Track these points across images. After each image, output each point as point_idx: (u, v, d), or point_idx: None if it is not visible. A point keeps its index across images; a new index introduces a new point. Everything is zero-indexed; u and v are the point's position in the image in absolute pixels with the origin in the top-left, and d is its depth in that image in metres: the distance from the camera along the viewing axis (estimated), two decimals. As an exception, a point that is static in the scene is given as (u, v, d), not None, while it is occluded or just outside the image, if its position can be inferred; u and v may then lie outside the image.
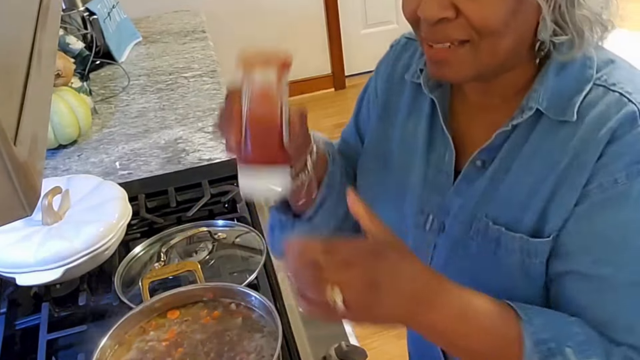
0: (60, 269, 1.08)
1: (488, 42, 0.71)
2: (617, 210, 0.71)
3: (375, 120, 0.95)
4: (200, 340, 0.93)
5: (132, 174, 1.52)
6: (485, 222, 0.78)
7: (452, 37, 0.71)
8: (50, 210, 1.14)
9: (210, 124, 1.69)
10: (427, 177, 0.86)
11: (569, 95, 0.74)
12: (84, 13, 2.04)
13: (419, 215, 0.86)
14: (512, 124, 0.76)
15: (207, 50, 2.16)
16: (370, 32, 3.82)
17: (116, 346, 0.93)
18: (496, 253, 0.77)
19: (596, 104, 0.73)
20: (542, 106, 0.74)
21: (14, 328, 1.11)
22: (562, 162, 0.73)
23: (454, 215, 0.82)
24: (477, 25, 0.70)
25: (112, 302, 1.13)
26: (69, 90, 1.67)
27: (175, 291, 0.99)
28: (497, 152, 0.78)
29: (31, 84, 0.55)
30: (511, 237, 0.76)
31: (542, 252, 0.75)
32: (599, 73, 0.75)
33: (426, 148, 0.86)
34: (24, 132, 0.47)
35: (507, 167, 0.78)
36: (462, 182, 0.82)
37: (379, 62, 0.98)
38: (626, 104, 0.71)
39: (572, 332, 0.71)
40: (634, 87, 0.73)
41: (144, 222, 1.32)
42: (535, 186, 0.75)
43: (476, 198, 0.80)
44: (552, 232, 0.74)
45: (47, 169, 1.56)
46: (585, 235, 0.73)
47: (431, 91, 0.85)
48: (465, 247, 0.80)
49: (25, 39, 0.61)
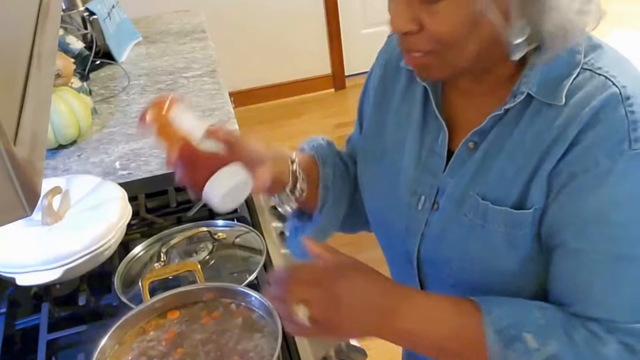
0: (60, 269, 1.08)
1: (451, 51, 0.76)
2: (598, 189, 0.74)
3: (372, 107, 0.99)
4: (200, 341, 0.93)
5: (132, 174, 1.52)
6: (476, 199, 0.82)
7: (418, 48, 0.77)
8: (50, 210, 1.14)
9: (210, 124, 1.69)
10: (421, 159, 0.90)
11: (558, 80, 0.77)
12: (84, 13, 2.04)
13: (411, 196, 0.90)
14: (505, 108, 0.79)
15: (207, 50, 2.16)
16: (370, 32, 3.82)
17: (116, 346, 0.93)
18: (484, 226, 0.81)
19: (582, 87, 0.76)
20: (532, 90, 0.78)
21: (14, 328, 1.11)
22: (547, 139, 0.77)
23: (448, 195, 0.85)
24: (437, 39, 0.75)
25: (112, 302, 1.13)
26: (69, 90, 1.67)
27: (175, 291, 0.99)
28: (488, 134, 0.82)
29: (31, 84, 0.55)
30: (497, 210, 0.80)
31: (526, 223, 0.78)
32: (587, 58, 0.78)
33: (420, 131, 0.90)
34: (24, 132, 0.47)
35: (498, 148, 0.81)
36: (454, 163, 0.85)
37: (378, 53, 1.03)
38: (610, 87, 0.75)
39: (531, 317, 0.76)
40: (619, 70, 0.77)
41: (144, 222, 1.32)
42: (522, 164, 0.79)
43: (468, 178, 0.83)
44: (534, 204, 0.78)
45: (47, 169, 1.56)
46: (568, 211, 0.76)
47: (423, 79, 0.89)
48: (457, 223, 0.84)
49: (25, 39, 0.61)
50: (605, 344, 0.75)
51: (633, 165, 0.73)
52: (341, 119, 3.65)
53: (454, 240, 0.85)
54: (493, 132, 0.82)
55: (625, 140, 0.73)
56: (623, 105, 0.74)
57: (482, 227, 0.81)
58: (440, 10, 0.73)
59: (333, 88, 3.98)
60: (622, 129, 0.73)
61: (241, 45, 3.68)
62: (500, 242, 0.80)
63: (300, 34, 3.81)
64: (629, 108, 0.74)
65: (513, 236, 0.80)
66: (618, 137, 0.73)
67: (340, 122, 3.61)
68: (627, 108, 0.74)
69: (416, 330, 0.77)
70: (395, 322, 0.77)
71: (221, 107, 1.78)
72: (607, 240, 0.75)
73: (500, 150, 0.81)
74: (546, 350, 0.74)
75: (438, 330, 0.77)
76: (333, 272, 0.78)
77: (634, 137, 0.73)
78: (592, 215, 0.75)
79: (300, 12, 3.75)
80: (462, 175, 0.84)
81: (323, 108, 3.79)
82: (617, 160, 0.73)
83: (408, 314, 0.77)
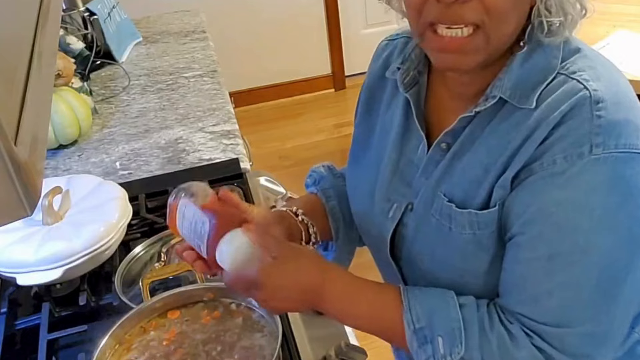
0: (60, 269, 1.08)
1: (496, 26, 0.74)
2: (547, 188, 0.74)
3: (360, 115, 1.01)
4: (200, 340, 0.93)
5: (132, 174, 1.52)
6: (442, 199, 0.83)
7: (466, 19, 0.73)
8: (51, 210, 1.14)
9: (210, 124, 1.69)
10: (399, 166, 0.91)
11: (532, 85, 0.77)
12: (84, 13, 2.04)
13: (384, 203, 0.91)
14: (475, 110, 0.80)
15: (207, 50, 2.16)
16: (370, 32, 3.82)
17: (116, 346, 0.93)
18: (451, 228, 0.82)
19: (555, 91, 0.76)
20: (505, 94, 0.77)
21: (14, 328, 1.11)
22: (515, 141, 0.76)
23: (421, 195, 0.86)
24: (489, 6, 0.72)
25: (112, 302, 1.13)
26: (69, 90, 1.68)
27: (176, 291, 0.99)
28: (460, 135, 0.82)
29: (31, 84, 0.55)
30: (460, 213, 0.81)
31: (491, 222, 0.79)
32: (564, 62, 0.78)
33: (400, 140, 0.91)
34: (24, 132, 0.47)
35: (466, 148, 0.82)
36: (428, 164, 0.86)
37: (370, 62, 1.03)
38: (580, 90, 0.74)
39: (448, 319, 0.78)
40: (593, 74, 0.76)
41: (144, 222, 1.32)
42: (489, 164, 0.79)
43: (437, 177, 0.84)
44: (497, 200, 0.78)
45: (47, 169, 1.56)
46: (519, 204, 0.76)
47: (406, 89, 0.89)
48: (427, 224, 0.85)
49: (25, 39, 0.61)
50: (518, 348, 0.75)
51: (588, 171, 0.72)
52: (341, 119, 3.65)
53: (425, 241, 0.86)
54: (464, 134, 0.82)
55: (586, 143, 0.72)
56: (591, 109, 0.73)
57: (449, 230, 0.82)
58: None
59: (333, 88, 3.97)
60: (585, 132, 0.72)
61: (241, 45, 3.67)
62: (469, 245, 0.81)
63: (300, 34, 3.81)
64: (597, 112, 0.73)
65: (480, 237, 0.80)
66: (579, 139, 0.72)
67: (340, 122, 3.61)
68: (595, 112, 0.73)
69: (338, 309, 0.84)
70: (320, 302, 0.84)
71: (221, 107, 1.78)
72: (546, 239, 0.75)
73: (468, 151, 0.81)
74: (453, 357, 0.77)
75: (357, 311, 0.84)
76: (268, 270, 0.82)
77: (596, 141, 0.72)
78: (537, 211, 0.75)
79: (300, 12, 3.75)
80: (434, 175, 0.85)
81: (323, 108, 3.78)
82: (573, 163, 0.72)
83: (330, 294, 0.83)
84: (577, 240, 0.74)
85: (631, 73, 1.70)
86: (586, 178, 0.73)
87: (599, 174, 0.73)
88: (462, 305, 0.79)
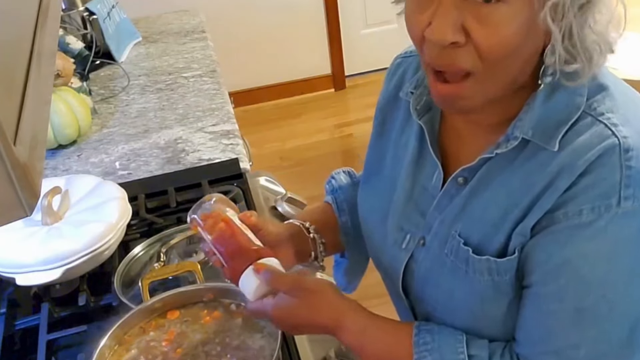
0: (60, 269, 1.08)
1: (492, 71, 0.69)
2: (573, 239, 0.71)
3: (374, 137, 0.97)
4: (200, 341, 0.93)
5: (132, 174, 1.52)
6: (458, 241, 0.79)
7: (457, 65, 0.69)
8: (50, 210, 1.14)
9: (210, 124, 1.69)
10: (413, 195, 0.87)
11: (556, 124, 0.72)
12: (84, 13, 2.04)
13: (397, 232, 0.88)
14: (497, 151, 0.75)
15: (207, 50, 2.15)
16: (370, 32, 3.82)
17: (116, 346, 0.93)
18: (467, 272, 0.78)
19: (581, 134, 0.71)
20: (527, 135, 0.73)
21: (13, 328, 1.11)
22: (537, 185, 0.72)
23: (434, 232, 0.83)
24: (485, 53, 0.67)
25: (112, 302, 1.13)
26: (68, 90, 1.67)
27: (175, 291, 0.99)
28: (478, 171, 0.78)
29: (31, 84, 0.55)
30: (478, 260, 0.77)
31: (511, 269, 0.75)
32: (590, 100, 0.72)
33: (414, 167, 0.87)
34: (23, 132, 0.47)
35: (485, 186, 0.77)
36: (443, 197, 0.82)
37: (385, 75, 1.00)
38: (609, 137, 0.69)
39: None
40: (622, 118, 0.71)
41: (143, 222, 1.31)
42: (509, 208, 0.74)
43: (453, 215, 0.80)
44: (516, 247, 0.74)
45: (47, 169, 1.56)
46: (541, 252, 0.73)
47: (419, 116, 0.84)
48: (441, 264, 0.82)
49: (25, 39, 0.61)
50: None
51: (615, 224, 0.69)
52: (341, 119, 3.65)
53: (439, 281, 0.83)
54: (483, 170, 0.77)
55: (614, 195, 0.68)
56: (620, 158, 0.69)
57: (465, 273, 0.78)
58: (494, 15, 0.65)
59: (333, 88, 3.97)
60: (613, 183, 0.68)
61: (241, 45, 3.67)
62: (487, 289, 0.77)
63: (300, 34, 3.81)
64: (627, 162, 0.68)
65: (499, 283, 0.76)
66: (607, 190, 0.68)
67: (340, 122, 3.61)
68: (625, 162, 0.68)
69: (353, 346, 0.84)
70: (340, 336, 0.84)
71: (221, 107, 1.78)
72: (572, 292, 0.72)
73: (486, 190, 0.77)
74: None
75: (370, 351, 0.83)
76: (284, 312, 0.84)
77: (625, 194, 0.68)
78: (562, 263, 0.71)
79: (300, 12, 3.75)
80: (449, 211, 0.81)
81: (323, 108, 3.78)
82: (600, 215, 0.69)
83: (346, 334, 0.83)
84: (605, 294, 0.71)
85: (632, 74, 1.70)
86: (614, 230, 0.69)
87: (628, 227, 0.69)
88: (472, 357, 0.77)
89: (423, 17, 0.69)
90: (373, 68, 3.95)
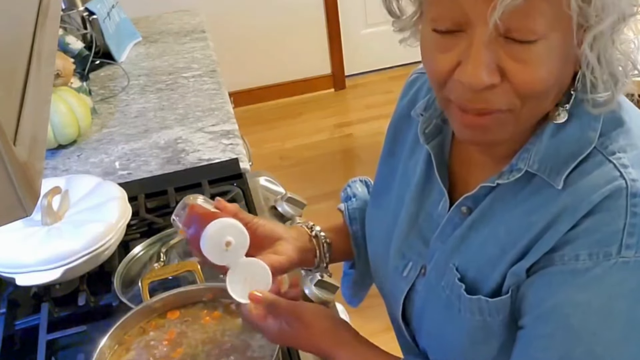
0: (60, 269, 1.08)
1: (530, 107, 0.65)
2: (566, 285, 0.66)
3: (385, 154, 0.94)
4: (200, 341, 0.93)
5: (132, 174, 1.52)
6: (454, 275, 0.75)
7: (493, 107, 0.65)
8: (50, 210, 1.14)
9: (210, 124, 1.69)
10: (417, 221, 0.83)
11: (564, 159, 0.68)
12: (84, 13, 2.03)
13: (399, 259, 0.85)
14: (498, 182, 0.71)
15: (207, 50, 2.15)
16: (370, 32, 3.82)
17: (116, 346, 0.93)
18: (460, 310, 0.75)
19: (588, 173, 0.66)
20: (532, 168, 0.69)
21: (13, 328, 1.11)
22: (537, 225, 0.68)
23: (434, 262, 0.80)
24: (523, 91, 0.63)
25: (112, 302, 1.12)
26: (68, 90, 1.67)
27: (175, 291, 0.99)
28: (482, 201, 0.74)
29: (31, 84, 0.54)
30: (469, 299, 0.73)
31: (503, 309, 0.72)
32: (603, 137, 0.68)
33: (420, 192, 0.83)
34: (23, 132, 0.47)
35: (487, 219, 0.74)
36: (446, 226, 0.78)
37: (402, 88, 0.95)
38: (616, 179, 0.65)
39: None
40: (635, 158, 0.66)
41: (143, 222, 1.31)
42: (507, 246, 0.71)
43: (453, 246, 0.77)
44: (510, 286, 0.71)
45: (46, 169, 1.56)
46: (534, 294, 0.69)
47: (427, 141, 0.80)
48: (437, 297, 0.78)
49: (25, 39, 0.61)
50: None
51: (613, 275, 0.64)
52: (341, 119, 3.65)
53: (434, 315, 0.80)
54: (486, 201, 0.73)
55: (615, 242, 0.64)
56: (626, 203, 0.64)
57: (458, 311, 0.75)
58: (532, 52, 0.61)
59: (333, 88, 3.97)
60: (616, 229, 0.64)
61: (241, 45, 3.67)
62: (477, 330, 0.74)
63: (300, 34, 3.81)
64: (633, 208, 0.64)
65: (491, 324, 0.73)
66: (609, 236, 0.64)
67: (340, 122, 3.61)
68: (631, 207, 0.64)
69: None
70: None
71: (221, 107, 1.78)
72: (558, 341, 0.67)
73: (487, 224, 0.73)
74: None
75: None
76: (280, 338, 0.84)
77: (628, 242, 0.64)
78: (551, 309, 0.67)
79: (300, 12, 3.75)
80: (450, 242, 0.77)
81: (323, 108, 3.78)
82: (598, 263, 0.64)
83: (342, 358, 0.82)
84: (593, 349, 0.65)
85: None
86: (611, 282, 0.64)
87: (627, 281, 0.64)
88: None
89: (448, 57, 0.65)
90: (373, 68, 3.95)
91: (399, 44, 0.86)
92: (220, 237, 0.78)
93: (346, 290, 1.09)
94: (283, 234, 0.92)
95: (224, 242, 0.78)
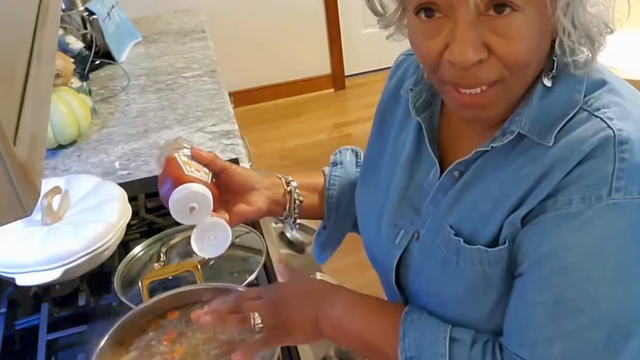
0: (60, 269, 1.08)
1: (517, 76, 0.70)
2: (560, 229, 0.70)
3: (373, 134, 0.98)
4: (200, 341, 0.93)
5: (132, 174, 1.52)
6: (449, 232, 0.78)
7: (484, 80, 0.70)
8: (50, 210, 1.14)
9: (210, 124, 1.69)
10: (408, 191, 0.87)
11: (552, 120, 0.72)
12: (84, 13, 2.04)
13: (391, 229, 0.88)
14: (492, 145, 0.75)
15: (207, 50, 2.15)
16: (370, 31, 3.82)
17: (116, 346, 0.93)
18: (458, 263, 0.77)
19: (575, 129, 0.71)
20: (523, 130, 0.73)
21: (13, 328, 1.11)
22: (530, 177, 0.72)
23: (428, 225, 0.83)
24: (509, 62, 0.68)
25: (112, 302, 1.13)
26: (68, 90, 1.67)
27: (175, 291, 0.99)
28: (472, 164, 0.78)
29: (30, 83, 0.54)
30: (469, 249, 0.76)
31: (501, 259, 0.75)
32: (587, 97, 0.73)
33: (410, 164, 0.87)
34: (23, 132, 0.47)
35: (478, 179, 0.77)
36: (438, 191, 0.82)
37: None
38: (604, 129, 0.69)
39: (435, 354, 0.76)
40: (619, 112, 0.71)
41: (143, 222, 1.31)
42: (500, 199, 0.74)
43: (446, 207, 0.80)
44: (507, 237, 0.74)
45: (46, 169, 1.56)
46: (530, 242, 0.72)
47: (418, 113, 0.85)
48: (434, 256, 0.81)
49: (24, 38, 0.61)
50: None
51: (604, 216, 0.68)
52: (341, 119, 3.65)
53: (431, 274, 0.82)
54: (477, 164, 0.78)
55: (605, 185, 0.68)
56: (614, 150, 0.68)
57: (456, 265, 0.78)
58: (512, 25, 0.66)
59: (333, 88, 3.98)
60: (605, 174, 0.68)
61: (241, 45, 3.67)
62: (478, 281, 0.76)
63: (300, 34, 3.81)
64: (621, 154, 0.68)
65: (490, 274, 0.75)
66: (599, 181, 0.68)
67: (340, 122, 3.61)
68: (619, 154, 0.68)
69: (343, 317, 0.83)
70: (327, 308, 0.83)
71: (221, 107, 1.78)
72: (553, 283, 0.70)
73: (479, 182, 0.77)
74: None
75: (361, 321, 0.83)
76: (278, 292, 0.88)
77: (617, 185, 0.67)
78: (546, 253, 0.70)
79: (300, 13, 3.75)
80: (442, 204, 0.81)
81: (323, 108, 3.79)
82: (590, 206, 0.68)
83: (337, 302, 0.84)
84: (587, 289, 0.69)
85: (631, 73, 1.70)
86: (602, 223, 0.68)
87: (617, 221, 0.68)
88: (454, 340, 0.76)
89: (436, 42, 0.69)
90: (373, 68, 3.96)
91: (399, 44, 0.88)
92: (185, 202, 0.85)
93: (315, 248, 1.13)
94: (256, 184, 0.97)
95: (189, 207, 0.85)
